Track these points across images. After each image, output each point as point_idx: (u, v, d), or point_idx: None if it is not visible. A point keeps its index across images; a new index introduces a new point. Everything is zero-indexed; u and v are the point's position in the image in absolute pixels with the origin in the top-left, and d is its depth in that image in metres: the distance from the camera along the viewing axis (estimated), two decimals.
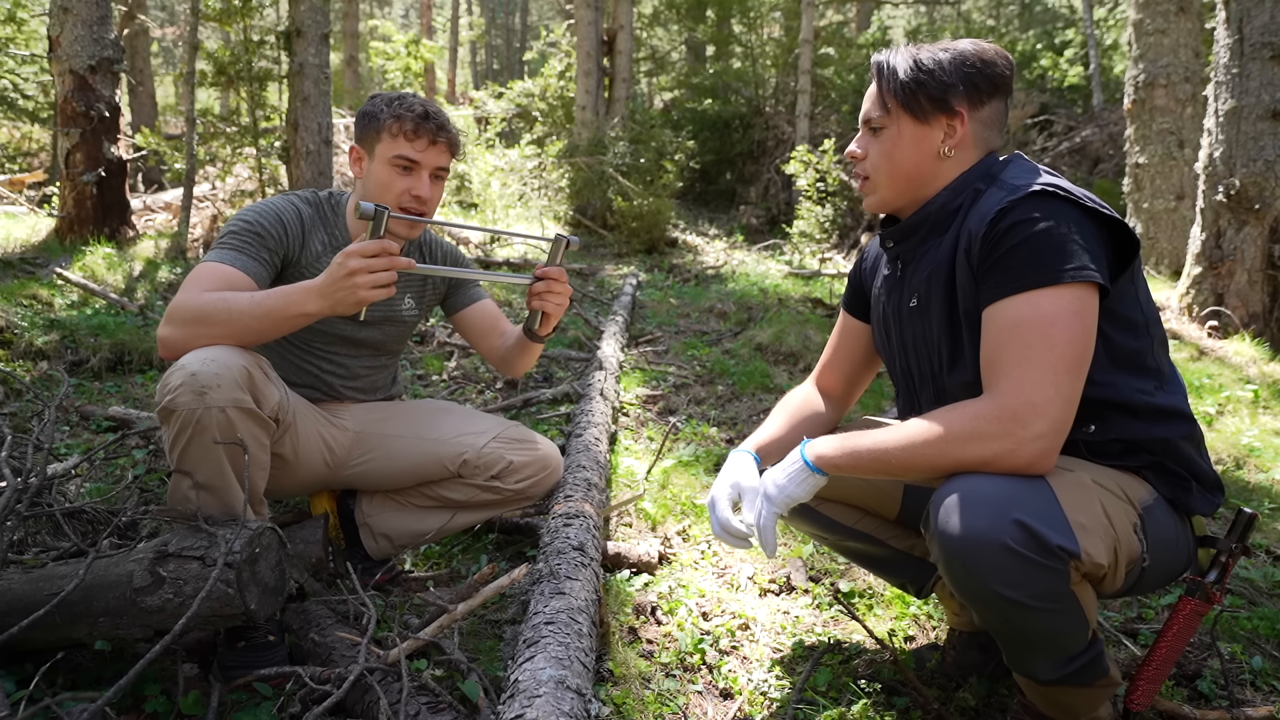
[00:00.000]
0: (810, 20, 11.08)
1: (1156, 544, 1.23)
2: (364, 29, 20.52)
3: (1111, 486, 1.21)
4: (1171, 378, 1.32)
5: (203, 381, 1.40)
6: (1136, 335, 1.26)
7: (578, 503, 1.87)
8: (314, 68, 6.35)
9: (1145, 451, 1.27)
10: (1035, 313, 1.15)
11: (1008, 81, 1.33)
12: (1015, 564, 1.08)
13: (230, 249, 1.61)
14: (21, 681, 1.38)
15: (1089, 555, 1.09)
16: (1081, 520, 1.11)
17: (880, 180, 1.38)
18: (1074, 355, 1.14)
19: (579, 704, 1.12)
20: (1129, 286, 1.25)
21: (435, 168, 1.72)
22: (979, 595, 1.14)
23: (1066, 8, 20.38)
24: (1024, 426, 1.11)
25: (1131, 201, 6.00)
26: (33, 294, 4.03)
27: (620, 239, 8.58)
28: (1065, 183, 1.22)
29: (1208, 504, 1.30)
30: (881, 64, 1.36)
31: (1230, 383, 3.66)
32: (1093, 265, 1.15)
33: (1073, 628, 1.17)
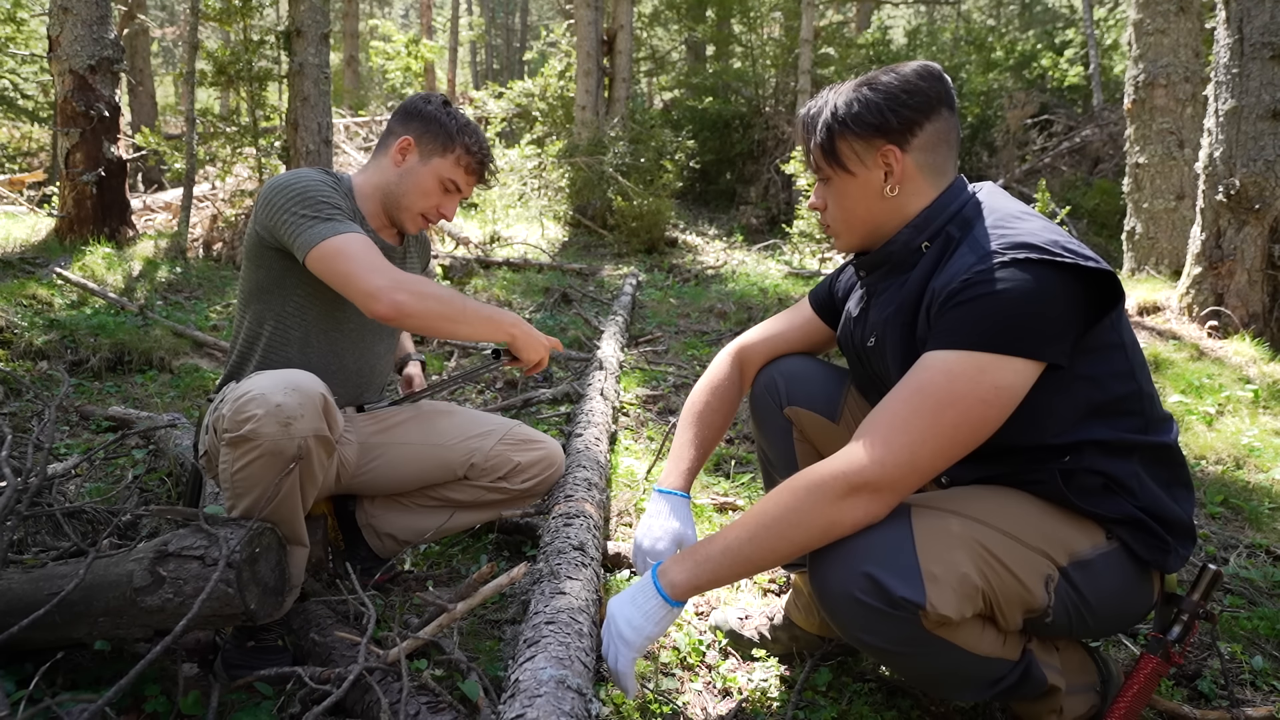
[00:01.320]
0: (810, 20, 11.09)
1: (1095, 596, 1.21)
2: (364, 29, 20.53)
3: (1026, 536, 1.19)
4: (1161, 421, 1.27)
5: (288, 413, 1.39)
6: (1122, 381, 1.22)
7: (578, 502, 1.87)
8: (314, 67, 6.35)
9: (1126, 494, 1.22)
10: (943, 377, 1.13)
11: (938, 98, 1.27)
12: (868, 615, 1.13)
13: (350, 219, 1.64)
14: (21, 681, 1.38)
15: (934, 606, 1.10)
16: (934, 571, 1.12)
17: (840, 229, 1.38)
18: (952, 425, 1.12)
19: (580, 704, 1.12)
20: (1111, 333, 1.20)
21: (466, 196, 1.86)
22: (852, 642, 1.20)
23: (1066, 8, 20.38)
24: (868, 492, 1.13)
25: (1131, 201, 6.00)
26: (32, 294, 4.03)
27: (620, 239, 8.58)
28: (1041, 234, 1.15)
29: (1180, 560, 1.26)
30: (804, 123, 1.35)
31: (1230, 383, 3.66)
32: (1035, 338, 1.11)
33: (966, 663, 1.18)
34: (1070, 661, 1.34)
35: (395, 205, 1.79)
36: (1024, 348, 1.11)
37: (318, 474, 1.47)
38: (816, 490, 1.15)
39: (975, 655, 1.18)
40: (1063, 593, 1.20)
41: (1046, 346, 1.12)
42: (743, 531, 1.20)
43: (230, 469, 1.41)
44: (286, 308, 1.72)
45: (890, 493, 1.14)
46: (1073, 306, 1.14)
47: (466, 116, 1.81)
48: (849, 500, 1.13)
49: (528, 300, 5.75)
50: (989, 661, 1.20)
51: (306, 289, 1.70)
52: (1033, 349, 1.12)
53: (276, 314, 1.72)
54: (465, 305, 1.62)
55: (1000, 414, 1.13)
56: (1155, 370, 3.97)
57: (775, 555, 1.18)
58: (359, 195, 1.82)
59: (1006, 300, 1.11)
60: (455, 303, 1.61)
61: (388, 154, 1.80)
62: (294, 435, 1.39)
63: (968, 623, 1.17)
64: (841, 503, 1.13)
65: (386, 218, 1.83)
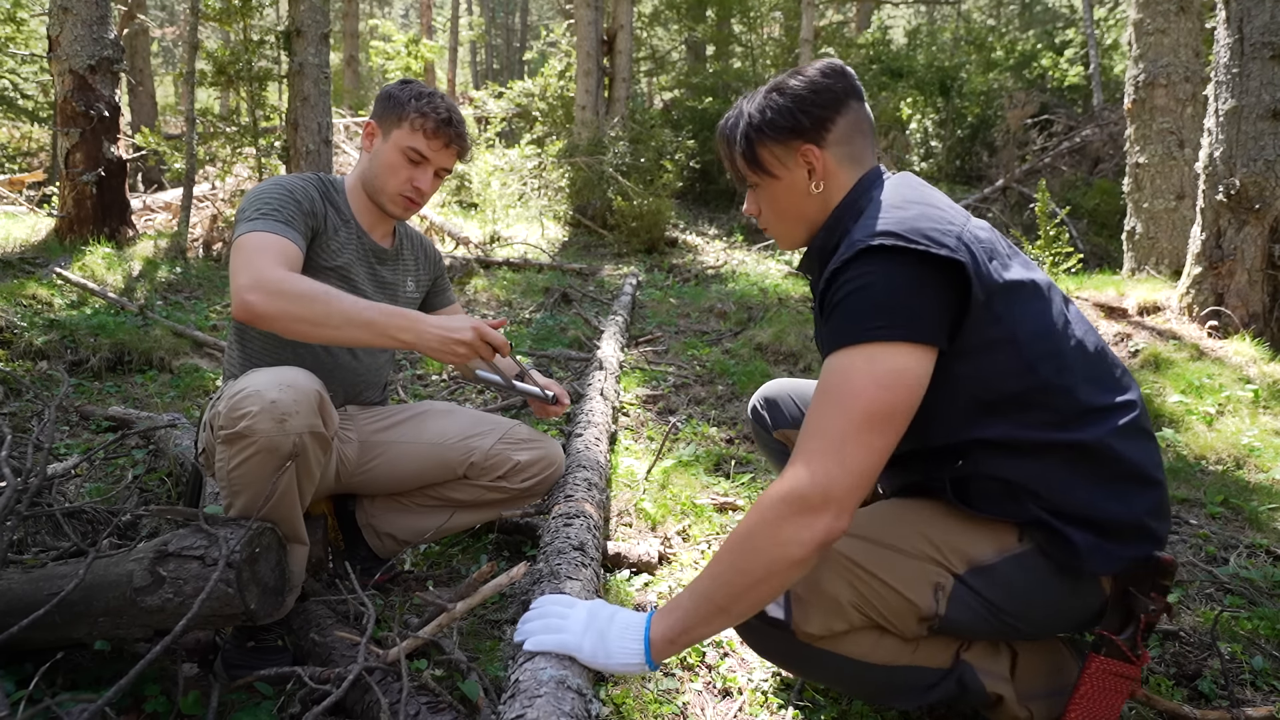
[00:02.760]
0: (810, 20, 11.09)
1: (1005, 601, 1.22)
2: (364, 29, 20.52)
3: (911, 548, 1.23)
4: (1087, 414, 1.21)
5: (283, 409, 1.38)
6: (1013, 378, 1.19)
7: (578, 502, 1.87)
8: (314, 67, 6.35)
9: (1030, 497, 1.19)
10: (839, 377, 1.13)
11: (845, 91, 1.30)
12: (752, 634, 1.28)
13: (278, 220, 1.58)
14: (21, 681, 1.38)
15: (798, 625, 1.22)
16: (800, 593, 1.23)
17: (777, 230, 1.42)
18: (865, 418, 1.11)
19: (580, 704, 1.12)
20: (992, 328, 1.17)
21: (441, 166, 1.78)
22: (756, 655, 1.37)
23: (1066, 7, 20.38)
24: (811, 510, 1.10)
25: (1131, 201, 6.00)
26: (32, 294, 4.04)
27: (620, 239, 8.58)
28: (911, 221, 1.15)
29: (1110, 560, 1.19)
30: (723, 135, 1.38)
31: (1230, 383, 3.66)
32: (908, 320, 1.12)
33: (873, 673, 1.25)
34: (1030, 665, 1.32)
35: (373, 190, 1.78)
36: (899, 332, 1.12)
37: (314, 471, 1.47)
38: (764, 517, 1.12)
39: (877, 665, 1.25)
40: (962, 598, 1.22)
41: (920, 327, 1.12)
42: (706, 571, 1.19)
43: (226, 466, 1.41)
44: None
45: (835, 504, 1.10)
46: (931, 289, 1.13)
47: (426, 88, 1.77)
48: (795, 520, 1.10)
49: (528, 300, 5.75)
50: (898, 670, 1.25)
51: None
52: (908, 332, 1.12)
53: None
54: (334, 309, 1.44)
55: (906, 397, 1.12)
56: (1155, 370, 3.96)
57: (738, 591, 1.15)
58: (350, 194, 1.82)
59: (868, 289, 1.13)
60: (320, 305, 1.43)
61: (365, 144, 1.82)
62: (289, 432, 1.38)
63: (856, 635, 1.24)
64: (786, 523, 1.11)
65: (374, 210, 1.82)
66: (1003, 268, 1.20)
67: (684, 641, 1.20)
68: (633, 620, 1.22)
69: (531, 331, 4.83)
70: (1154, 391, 3.69)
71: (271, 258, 1.51)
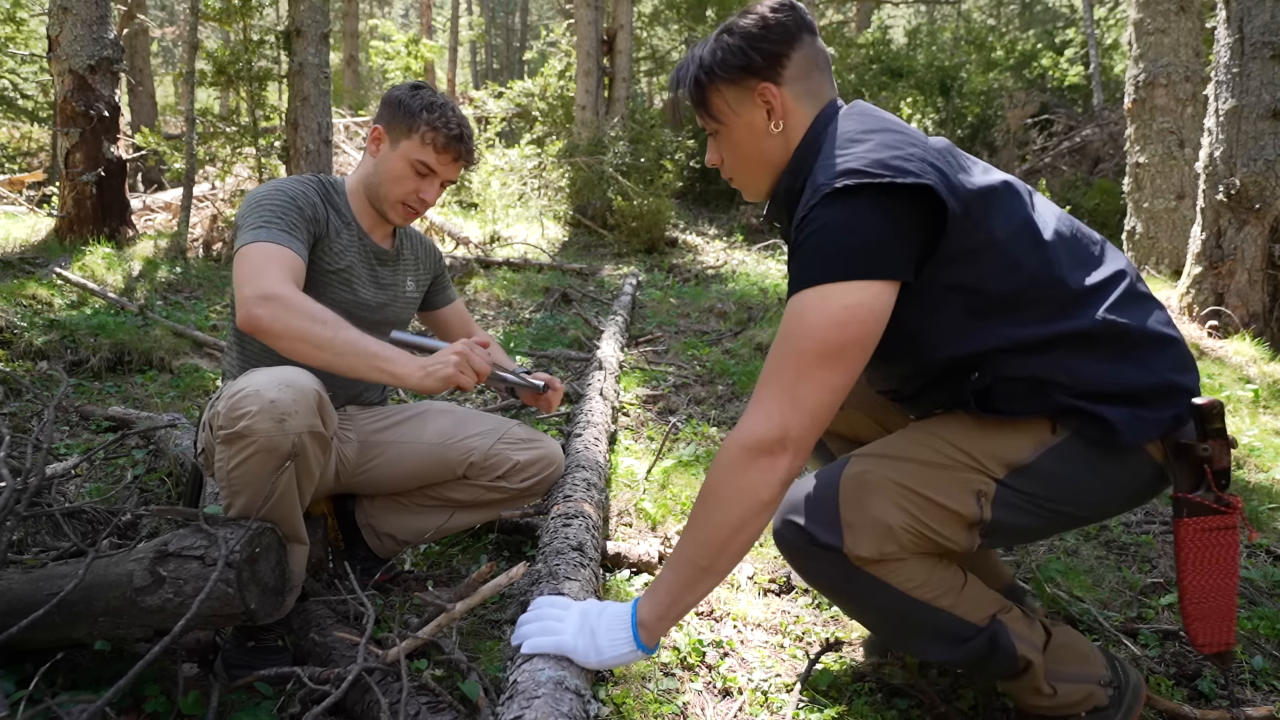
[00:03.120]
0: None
1: (1056, 493, 1.22)
2: (364, 28, 20.52)
3: (945, 459, 1.23)
4: (1081, 298, 1.21)
5: (282, 409, 1.38)
6: (1002, 278, 1.19)
7: (577, 503, 1.87)
8: (314, 67, 6.35)
9: (1054, 388, 1.19)
10: (793, 319, 1.14)
11: (796, 25, 1.27)
12: (796, 555, 1.27)
13: (282, 229, 1.58)
14: (21, 681, 1.38)
15: (851, 549, 1.20)
16: (850, 518, 1.21)
17: (741, 177, 1.38)
18: (818, 355, 1.12)
19: (578, 705, 1.12)
20: (973, 235, 1.17)
21: (447, 179, 1.79)
22: (807, 583, 1.36)
23: (1066, 7, 20.38)
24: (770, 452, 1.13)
25: (1132, 201, 6.00)
26: (32, 294, 4.04)
27: (620, 239, 8.58)
28: (869, 154, 1.14)
29: (1151, 426, 1.19)
30: (675, 82, 1.35)
31: (1230, 382, 3.66)
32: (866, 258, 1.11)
33: (915, 611, 1.24)
34: (1063, 646, 1.33)
35: (375, 196, 1.78)
36: (857, 270, 1.11)
37: (314, 471, 1.47)
38: (726, 466, 1.16)
39: (921, 601, 1.23)
40: (1007, 500, 1.22)
41: (880, 264, 1.12)
42: (681, 539, 1.21)
43: (226, 466, 1.41)
44: None
45: (793, 444, 1.13)
46: (897, 222, 1.13)
47: (437, 95, 1.76)
48: (756, 464, 1.13)
49: (528, 300, 5.75)
50: (940, 613, 1.24)
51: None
52: (866, 269, 1.11)
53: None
54: (336, 335, 1.45)
55: (862, 331, 1.12)
56: None
57: (716, 546, 1.17)
58: (350, 195, 1.82)
59: (830, 232, 1.12)
60: (324, 331, 1.44)
61: (367, 148, 1.81)
62: (288, 432, 1.38)
63: (910, 562, 1.22)
64: (749, 468, 1.13)
65: (375, 213, 1.82)
66: (969, 176, 1.21)
67: (674, 615, 1.22)
68: (619, 610, 1.24)
69: (531, 331, 4.83)
70: None
71: (278, 270, 1.51)
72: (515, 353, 4.22)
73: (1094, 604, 1.91)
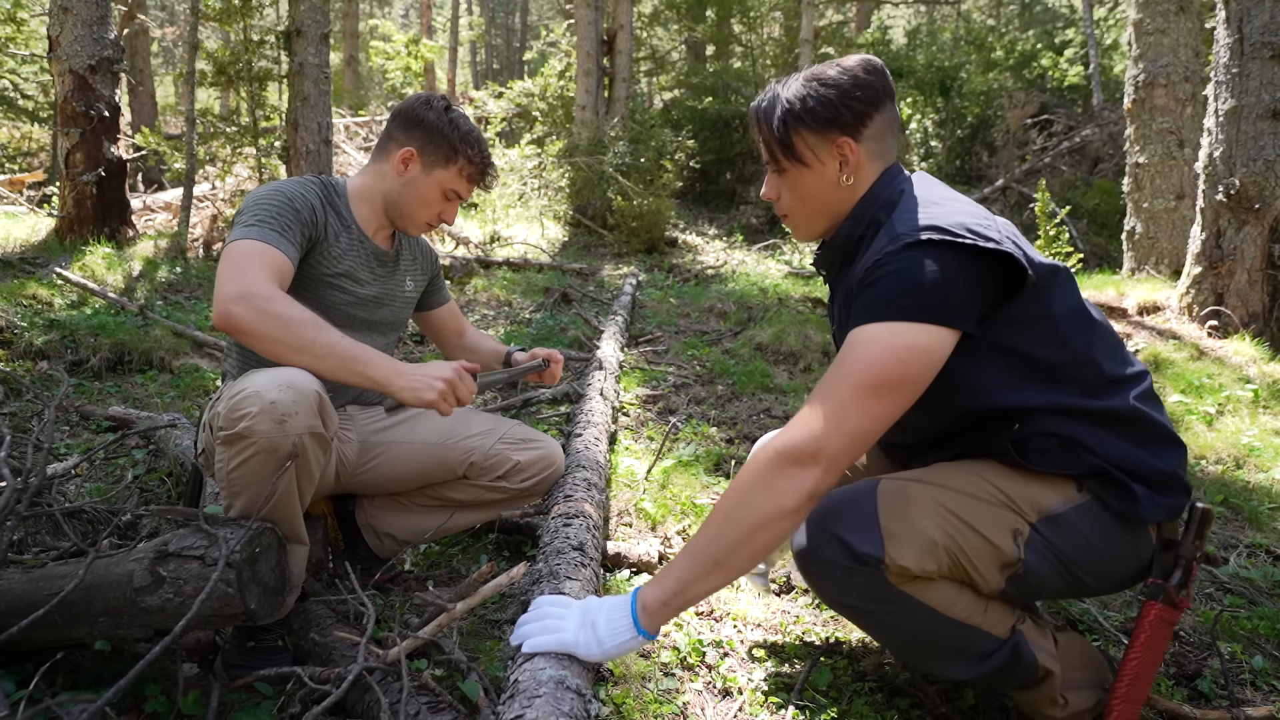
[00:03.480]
0: (810, 20, 11.09)
1: (1075, 548, 1.25)
2: (364, 29, 20.52)
3: (987, 494, 1.25)
4: (1109, 386, 1.29)
5: (283, 410, 1.37)
6: (1049, 349, 1.26)
7: (577, 503, 1.87)
8: (314, 67, 6.35)
9: (1086, 451, 1.25)
10: (858, 346, 1.20)
11: (883, 89, 1.35)
12: (836, 573, 1.23)
13: (274, 229, 1.56)
14: (21, 682, 1.38)
15: (893, 559, 1.19)
16: (892, 529, 1.20)
17: (798, 218, 1.44)
18: (873, 385, 1.17)
19: (579, 704, 1.12)
20: (1032, 305, 1.25)
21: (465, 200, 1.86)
22: (830, 605, 1.29)
23: (1066, 7, 20.39)
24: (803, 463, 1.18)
25: (1131, 201, 6.00)
26: (32, 294, 4.04)
27: (620, 239, 8.58)
28: (952, 217, 1.22)
29: (1160, 509, 1.27)
30: (758, 117, 1.40)
31: (1230, 382, 3.66)
32: (940, 306, 1.17)
33: (944, 629, 1.23)
34: (1071, 653, 1.35)
35: (398, 213, 1.81)
36: (929, 315, 1.18)
37: (314, 471, 1.47)
38: (758, 469, 1.20)
39: (952, 620, 1.23)
40: (1037, 546, 1.24)
41: (951, 314, 1.18)
42: (699, 532, 1.24)
43: (226, 467, 1.41)
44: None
45: (826, 459, 1.17)
46: (973, 280, 1.20)
47: (467, 121, 1.80)
48: (787, 472, 1.18)
49: (528, 300, 5.75)
50: (970, 630, 1.24)
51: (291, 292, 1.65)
52: (938, 316, 1.18)
53: None
54: (315, 337, 1.43)
55: (920, 373, 1.18)
56: (1155, 370, 3.97)
57: (733, 544, 1.20)
58: (354, 198, 1.81)
59: (909, 275, 1.19)
60: (303, 332, 1.42)
61: (389, 161, 1.78)
62: (289, 433, 1.38)
63: (940, 584, 1.22)
64: (780, 474, 1.18)
65: (386, 220, 1.84)
66: (1035, 254, 1.28)
67: (678, 603, 1.23)
68: (618, 601, 1.26)
69: (531, 331, 4.83)
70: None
71: (261, 269, 1.48)
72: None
73: (1094, 604, 1.91)
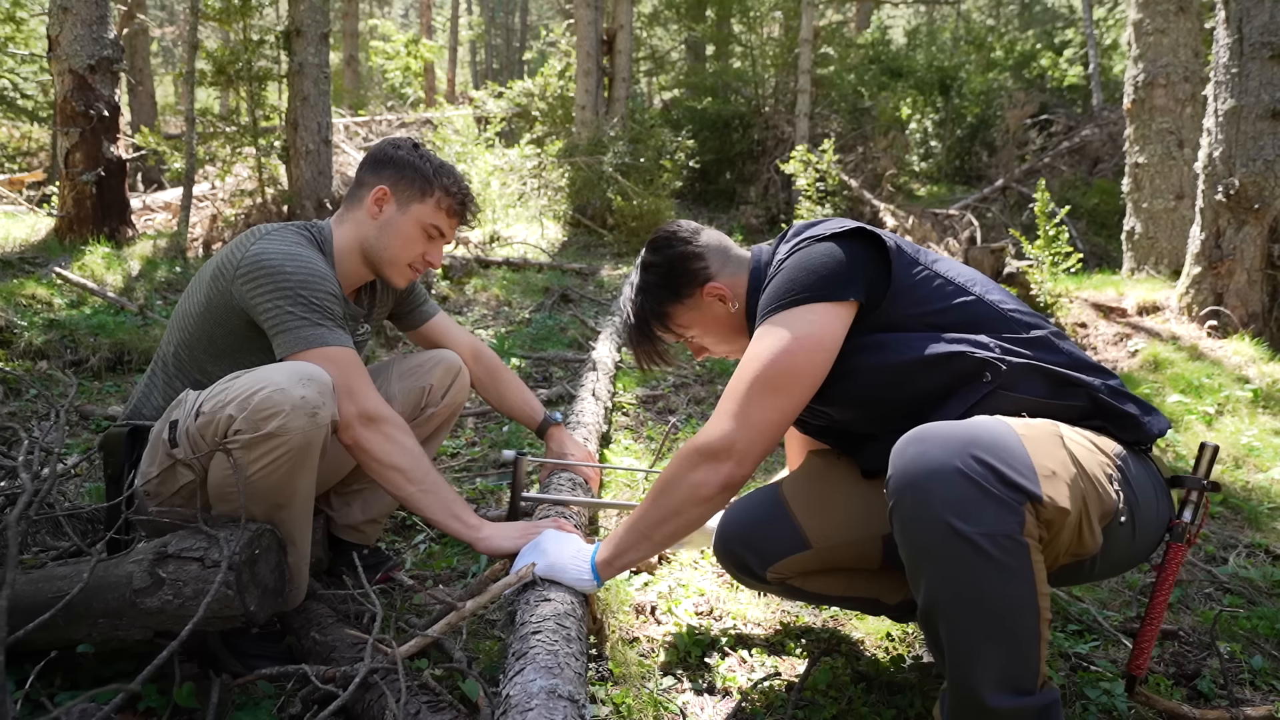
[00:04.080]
0: (810, 20, 11.08)
1: (1139, 491, 1.24)
2: (364, 28, 20.51)
3: (1080, 438, 1.22)
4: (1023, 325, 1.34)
5: (313, 404, 1.37)
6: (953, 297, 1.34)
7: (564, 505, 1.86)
8: (314, 67, 6.35)
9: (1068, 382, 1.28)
10: (752, 346, 1.33)
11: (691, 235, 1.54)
12: (971, 492, 1.04)
13: (339, 326, 1.57)
14: (19, 682, 1.38)
15: (1051, 499, 1.05)
16: (1050, 466, 1.08)
17: (724, 350, 1.60)
18: (767, 380, 1.29)
19: (573, 711, 1.10)
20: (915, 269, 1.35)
21: (449, 240, 1.81)
22: (927, 532, 1.07)
23: (1066, 7, 20.39)
24: (716, 459, 1.31)
25: (1131, 201, 6.00)
26: (32, 293, 4.03)
27: (620, 239, 8.58)
28: (820, 225, 1.38)
29: (1156, 421, 1.32)
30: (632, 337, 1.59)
31: (1229, 383, 3.66)
32: (820, 285, 1.29)
33: (1020, 614, 1.06)
34: None
35: (378, 260, 1.71)
36: (811, 296, 1.30)
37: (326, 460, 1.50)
38: (679, 462, 1.35)
39: (1037, 611, 1.07)
40: (1123, 489, 1.21)
41: (834, 289, 1.30)
42: (638, 508, 1.41)
43: (242, 473, 1.37)
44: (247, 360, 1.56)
45: (738, 454, 1.30)
46: (850, 257, 1.32)
47: (437, 159, 1.73)
48: (703, 467, 1.32)
49: (527, 300, 5.75)
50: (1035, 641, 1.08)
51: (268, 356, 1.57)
52: (820, 294, 1.30)
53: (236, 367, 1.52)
54: (428, 475, 1.55)
55: (814, 356, 1.29)
56: (1154, 370, 3.97)
57: (662, 523, 1.37)
58: (339, 257, 1.70)
59: (787, 274, 1.34)
60: (418, 466, 1.55)
61: (362, 206, 1.70)
62: (320, 424, 1.38)
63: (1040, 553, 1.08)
64: (697, 470, 1.32)
65: (368, 272, 1.75)
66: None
67: (619, 564, 1.44)
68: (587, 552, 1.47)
69: (531, 331, 4.82)
70: (1153, 391, 3.69)
71: (367, 383, 1.56)
72: (512, 353, 4.22)
73: (1093, 604, 1.91)
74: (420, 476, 1.55)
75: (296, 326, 1.51)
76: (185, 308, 1.64)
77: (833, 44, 14.28)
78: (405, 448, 1.55)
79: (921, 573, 1.11)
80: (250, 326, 1.57)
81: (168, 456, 1.45)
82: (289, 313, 1.51)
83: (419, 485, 1.55)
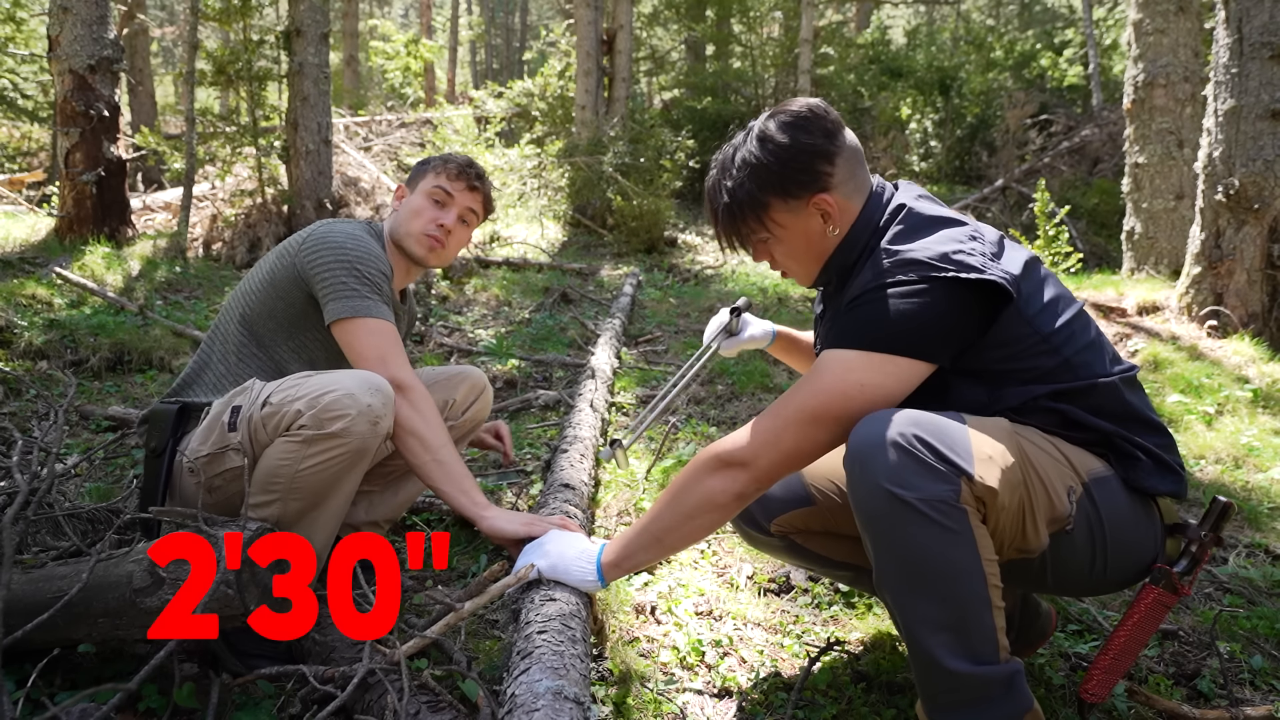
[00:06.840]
0: (810, 20, 11.09)
1: (1110, 518, 1.24)
2: (364, 28, 20.51)
3: (1047, 448, 1.25)
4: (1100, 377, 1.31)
5: (377, 413, 1.47)
6: (1044, 357, 1.28)
7: (560, 505, 1.87)
8: (314, 67, 6.35)
9: (1090, 429, 1.28)
10: (818, 370, 1.25)
11: (835, 131, 1.35)
12: (907, 461, 1.11)
13: (384, 302, 1.69)
14: (19, 682, 1.38)
15: (981, 478, 1.10)
16: (988, 452, 1.13)
17: (798, 273, 1.46)
18: (814, 414, 1.23)
19: (578, 713, 1.10)
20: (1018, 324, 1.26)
21: (466, 208, 1.87)
22: (870, 499, 1.13)
23: (1066, 7, 20.40)
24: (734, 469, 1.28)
25: (1131, 201, 6.00)
26: (32, 293, 4.03)
27: (620, 239, 8.58)
28: (934, 247, 1.23)
29: (1162, 482, 1.29)
30: (717, 211, 1.41)
31: (1229, 382, 3.66)
32: (907, 340, 1.21)
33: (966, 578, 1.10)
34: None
35: (400, 235, 1.85)
36: (895, 347, 1.22)
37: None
38: (697, 465, 1.32)
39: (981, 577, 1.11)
40: (1084, 507, 1.23)
41: (919, 347, 1.22)
42: (650, 510, 1.37)
43: (295, 466, 1.45)
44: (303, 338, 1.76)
45: (757, 470, 1.26)
46: (952, 311, 1.22)
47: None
48: (719, 473, 1.29)
49: (527, 300, 5.75)
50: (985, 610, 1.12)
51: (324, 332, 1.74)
52: (903, 348, 1.22)
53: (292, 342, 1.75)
54: (444, 445, 1.60)
55: (863, 408, 1.21)
56: (1154, 370, 3.97)
57: (669, 525, 1.33)
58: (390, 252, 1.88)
59: (884, 310, 1.22)
60: (436, 436, 1.59)
61: (393, 207, 1.92)
62: (380, 434, 1.48)
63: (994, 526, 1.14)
64: (713, 475, 1.29)
65: (403, 260, 1.88)
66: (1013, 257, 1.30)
67: (627, 565, 1.40)
68: (592, 551, 1.44)
69: (530, 331, 4.83)
70: (1153, 391, 3.69)
71: (401, 354, 1.64)
72: (511, 353, 4.22)
73: (1093, 604, 1.91)
74: (437, 446, 1.58)
75: (348, 295, 1.64)
76: (247, 286, 1.78)
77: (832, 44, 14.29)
78: (427, 418, 1.60)
79: (870, 541, 1.17)
80: (310, 301, 1.70)
81: (223, 439, 1.55)
82: (343, 282, 1.65)
83: (434, 454, 1.58)
